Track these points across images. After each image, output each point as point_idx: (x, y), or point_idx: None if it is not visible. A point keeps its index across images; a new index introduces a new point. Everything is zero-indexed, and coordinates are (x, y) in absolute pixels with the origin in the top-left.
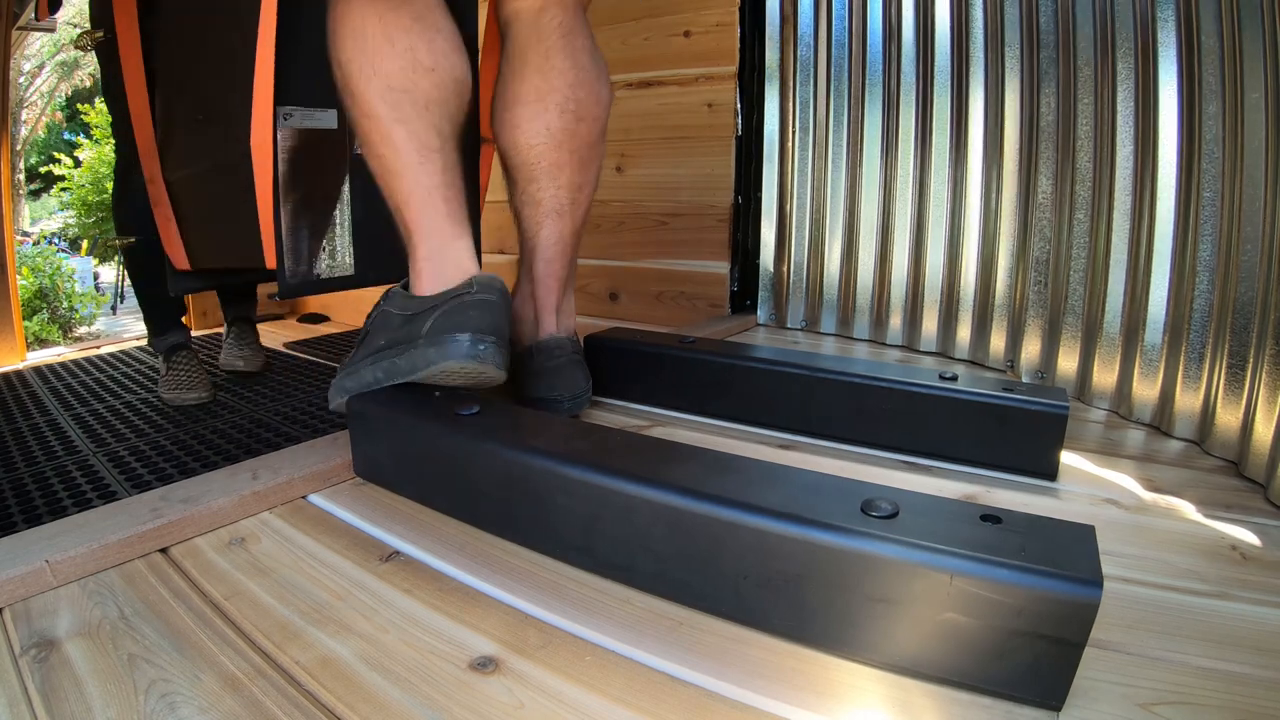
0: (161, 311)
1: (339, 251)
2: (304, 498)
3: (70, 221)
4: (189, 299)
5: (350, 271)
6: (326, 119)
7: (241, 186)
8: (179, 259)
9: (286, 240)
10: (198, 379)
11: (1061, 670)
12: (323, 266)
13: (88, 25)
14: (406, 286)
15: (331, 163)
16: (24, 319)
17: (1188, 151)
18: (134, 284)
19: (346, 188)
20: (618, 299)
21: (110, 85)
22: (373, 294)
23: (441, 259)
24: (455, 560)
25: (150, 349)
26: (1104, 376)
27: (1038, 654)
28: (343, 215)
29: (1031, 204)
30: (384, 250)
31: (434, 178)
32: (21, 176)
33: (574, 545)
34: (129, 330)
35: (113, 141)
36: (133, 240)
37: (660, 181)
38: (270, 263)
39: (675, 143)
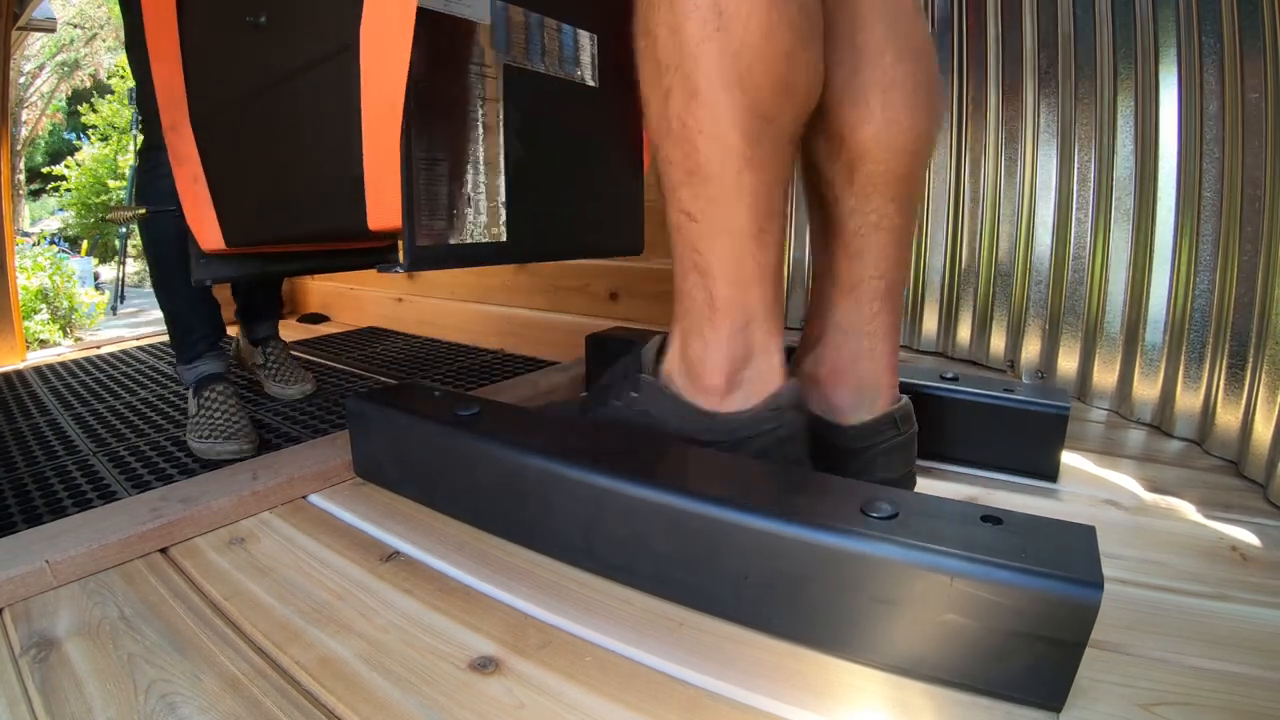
0: (191, 326)
1: (488, 208)
2: (304, 498)
3: (70, 221)
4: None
5: (502, 238)
6: (476, 7)
7: (320, 113)
8: (208, 236)
9: (420, 184)
10: (236, 424)
11: (1062, 671)
12: (468, 227)
13: (86, 25)
14: (660, 351)
15: (481, 75)
16: (24, 319)
17: (1188, 151)
18: (158, 287)
19: (501, 115)
20: (618, 299)
21: (134, 31)
22: (375, 300)
23: (745, 366)
24: (455, 560)
25: (175, 373)
26: (1104, 376)
27: (1038, 655)
28: (495, 156)
29: (1031, 204)
30: (548, 212)
31: (770, 255)
32: (22, 177)
33: (574, 545)
34: (129, 330)
35: (111, 138)
36: (151, 212)
37: None
38: (382, 219)
39: None
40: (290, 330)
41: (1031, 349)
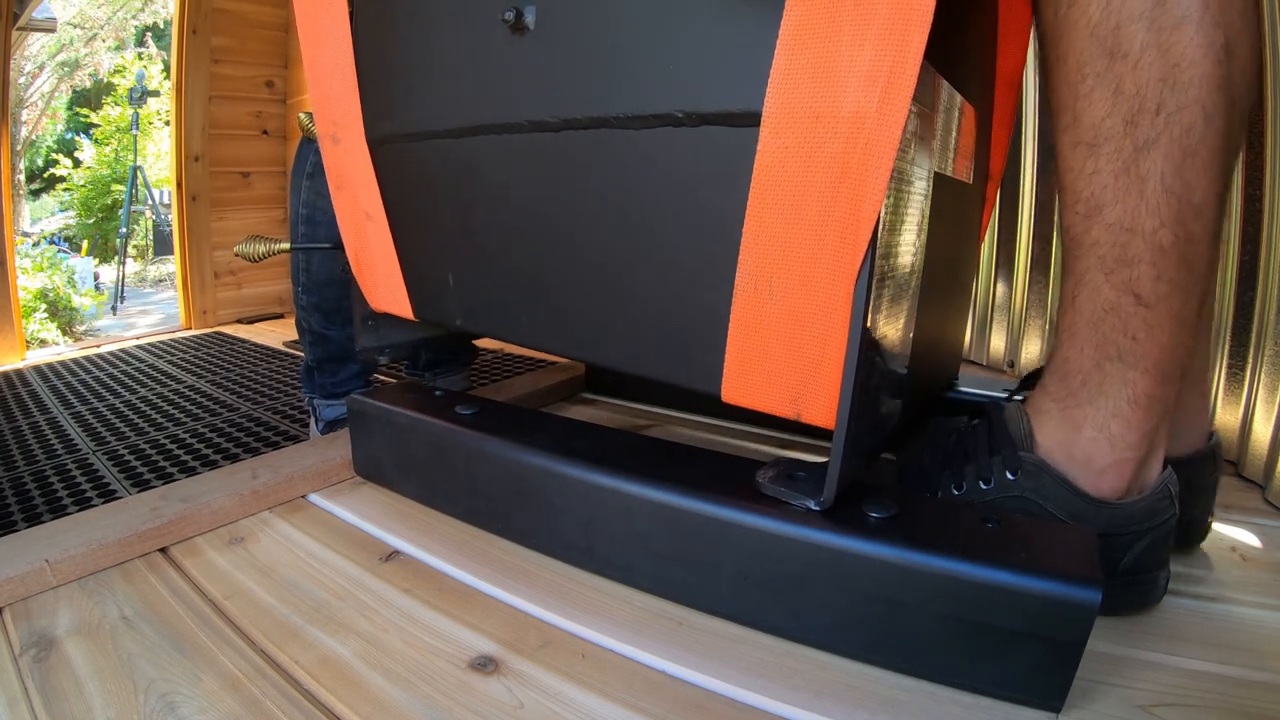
0: (348, 355)
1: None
2: (304, 497)
3: (71, 222)
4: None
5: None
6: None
7: (643, 195)
8: (384, 296)
9: (868, 384)
10: None
11: (1061, 671)
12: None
13: (86, 25)
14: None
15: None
16: (24, 318)
17: None
18: (309, 306)
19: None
20: None
21: None
22: None
23: (1145, 465)
24: (455, 560)
25: (302, 397)
26: None
27: (1037, 655)
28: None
29: (1031, 205)
30: (920, 364)
31: (1195, 340)
32: (22, 177)
33: (574, 545)
34: (129, 330)
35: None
36: (297, 249)
37: None
38: (750, 395)
39: None
40: (290, 330)
41: (1031, 349)
